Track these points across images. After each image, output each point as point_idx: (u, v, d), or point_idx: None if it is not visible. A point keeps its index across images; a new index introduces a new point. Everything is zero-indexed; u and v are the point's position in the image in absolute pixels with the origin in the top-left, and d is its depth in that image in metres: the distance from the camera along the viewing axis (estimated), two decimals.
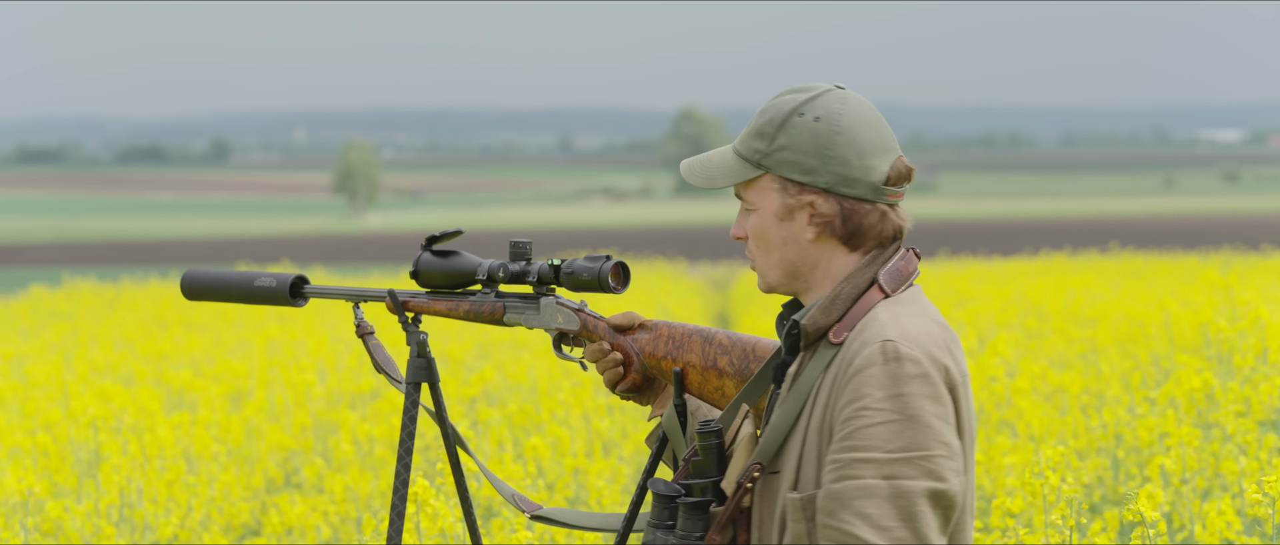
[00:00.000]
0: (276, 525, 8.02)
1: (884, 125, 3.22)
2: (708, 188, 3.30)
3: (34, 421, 11.10)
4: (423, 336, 3.76)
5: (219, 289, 3.97)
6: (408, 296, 3.76)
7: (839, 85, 3.25)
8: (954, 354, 3.11)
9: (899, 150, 3.22)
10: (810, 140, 3.18)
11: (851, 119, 3.19)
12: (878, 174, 3.18)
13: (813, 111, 3.20)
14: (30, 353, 16.92)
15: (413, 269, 3.72)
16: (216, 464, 9.23)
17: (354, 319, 3.90)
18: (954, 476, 3.01)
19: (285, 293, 3.90)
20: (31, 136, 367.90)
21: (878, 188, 3.18)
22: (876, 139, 3.19)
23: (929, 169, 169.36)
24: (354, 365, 14.50)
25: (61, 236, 76.25)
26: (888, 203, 3.20)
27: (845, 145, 3.17)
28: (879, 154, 3.19)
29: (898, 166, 3.20)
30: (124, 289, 30.61)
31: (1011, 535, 6.38)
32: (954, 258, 39.34)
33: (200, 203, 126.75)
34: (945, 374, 3.06)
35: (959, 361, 3.11)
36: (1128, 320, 15.44)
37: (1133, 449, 8.42)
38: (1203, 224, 66.69)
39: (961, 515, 3.10)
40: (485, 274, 3.65)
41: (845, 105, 3.20)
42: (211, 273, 4.00)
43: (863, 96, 3.26)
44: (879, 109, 3.24)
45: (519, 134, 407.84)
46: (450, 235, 3.70)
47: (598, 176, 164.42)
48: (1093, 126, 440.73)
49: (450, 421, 3.83)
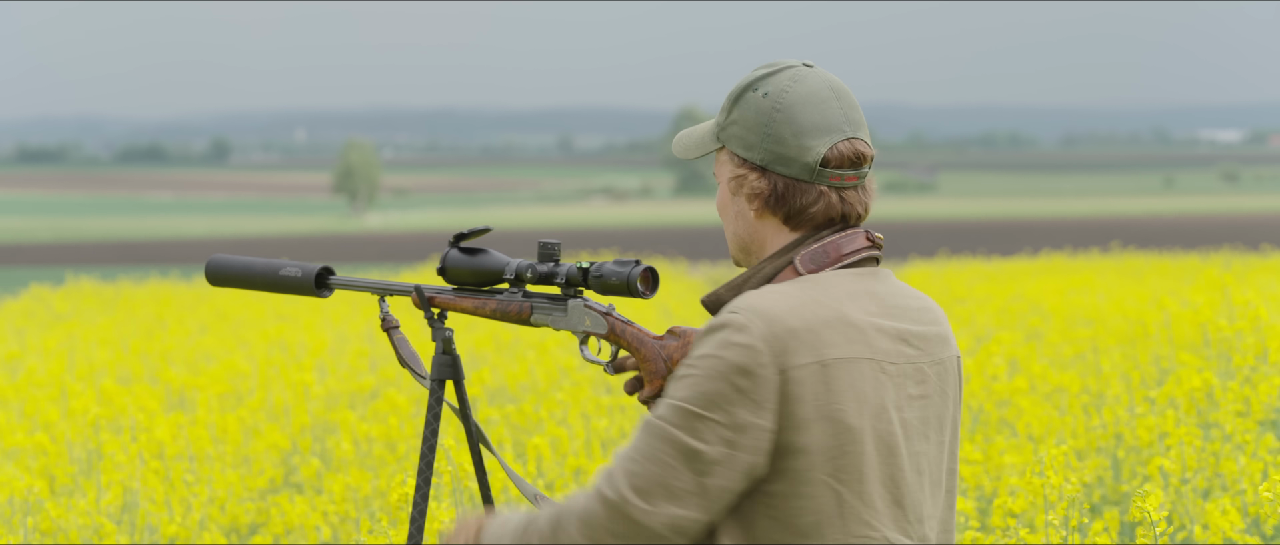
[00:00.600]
0: (277, 525, 8.01)
1: (836, 107, 3.18)
2: (684, 158, 3.34)
3: (33, 421, 11.10)
4: (448, 333, 3.74)
5: (244, 277, 3.93)
6: (434, 292, 3.75)
7: (807, 63, 3.23)
8: (821, 336, 3.04)
9: (850, 132, 3.17)
10: (755, 116, 3.18)
11: (796, 97, 3.17)
12: (813, 155, 3.15)
13: (764, 87, 3.20)
14: (31, 353, 16.92)
15: (440, 265, 3.70)
16: (220, 464, 9.22)
17: (380, 312, 3.87)
18: (718, 444, 2.98)
19: (311, 283, 3.87)
20: (31, 136, 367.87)
21: (813, 168, 3.15)
22: (819, 119, 3.16)
23: (929, 169, 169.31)
24: (353, 365, 14.50)
25: (61, 236, 76.25)
26: (830, 184, 3.16)
27: (783, 123, 3.16)
28: (818, 135, 3.15)
29: (840, 149, 3.16)
30: (124, 289, 30.61)
31: (1012, 535, 6.38)
32: (954, 258, 39.33)
33: (200, 203, 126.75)
34: (780, 351, 3.00)
35: (830, 345, 3.04)
36: (1128, 320, 15.43)
37: (1133, 449, 8.41)
38: (1202, 224, 66.69)
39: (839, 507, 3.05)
40: (513, 273, 3.62)
41: (796, 83, 3.19)
42: (237, 260, 3.95)
43: (833, 77, 3.23)
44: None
45: (519, 134, 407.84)
46: (479, 232, 3.67)
47: (598, 176, 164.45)
48: (1093, 126, 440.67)
49: (474, 419, 3.80)
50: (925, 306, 3.21)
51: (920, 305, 3.21)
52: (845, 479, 3.06)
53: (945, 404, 3.20)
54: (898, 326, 3.14)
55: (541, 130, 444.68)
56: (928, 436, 3.16)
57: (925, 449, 3.16)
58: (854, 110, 3.21)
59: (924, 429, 3.16)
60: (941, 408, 3.19)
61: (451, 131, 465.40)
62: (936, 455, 3.19)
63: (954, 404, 3.23)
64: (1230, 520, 6.22)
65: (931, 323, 3.19)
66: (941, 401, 3.19)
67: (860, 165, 3.19)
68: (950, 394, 3.21)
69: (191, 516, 8.10)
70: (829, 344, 3.04)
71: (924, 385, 3.16)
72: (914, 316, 3.18)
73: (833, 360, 3.04)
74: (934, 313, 3.21)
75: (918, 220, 78.87)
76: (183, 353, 16.66)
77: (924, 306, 3.21)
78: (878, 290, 3.17)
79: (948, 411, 3.21)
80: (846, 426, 3.05)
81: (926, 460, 3.16)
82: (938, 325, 3.21)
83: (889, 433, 3.10)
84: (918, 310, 3.19)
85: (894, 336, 3.13)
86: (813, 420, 3.03)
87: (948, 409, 3.21)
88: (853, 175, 3.18)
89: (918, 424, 3.15)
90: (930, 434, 3.17)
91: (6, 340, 18.58)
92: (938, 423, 3.19)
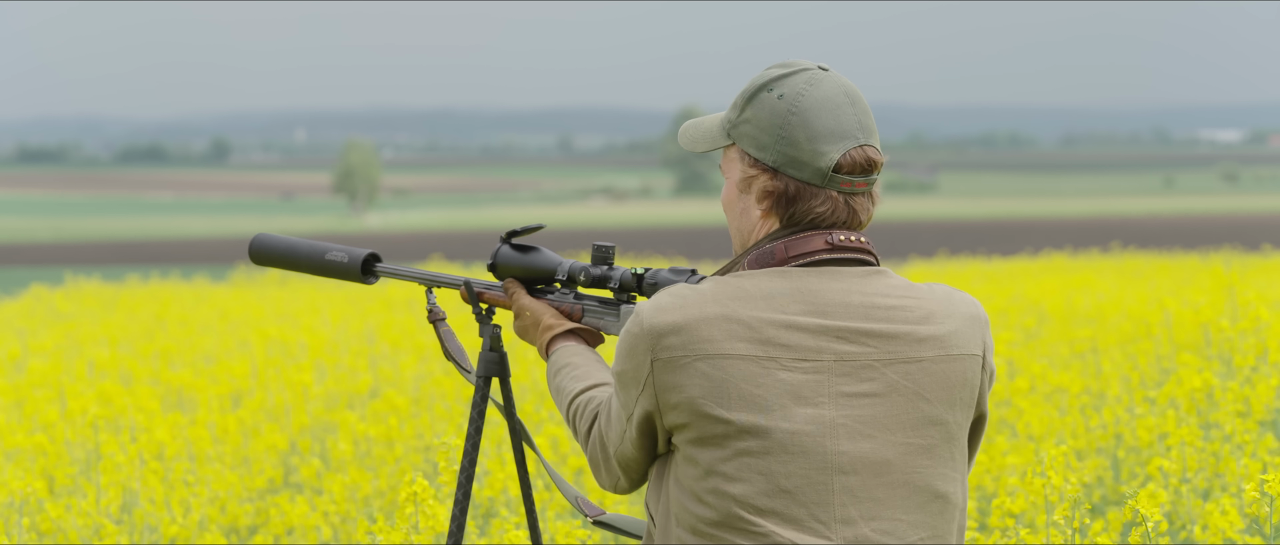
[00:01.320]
0: (277, 526, 8.01)
1: (851, 113, 3.18)
2: (691, 150, 3.35)
3: (33, 421, 11.09)
4: (496, 330, 3.72)
5: (288, 257, 3.91)
6: (483, 287, 3.74)
7: (822, 66, 3.23)
8: (699, 332, 3.11)
9: (863, 140, 3.18)
10: (769, 117, 3.19)
11: (812, 101, 3.17)
12: (827, 160, 3.15)
13: (779, 89, 3.20)
14: (31, 353, 16.92)
15: (491, 261, 3.70)
16: (220, 464, 9.21)
17: (427, 304, 3.85)
18: (621, 410, 3.22)
19: (357, 269, 3.85)
20: (31, 136, 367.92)
21: (826, 174, 3.16)
22: (834, 125, 3.16)
23: (929, 169, 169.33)
24: (352, 365, 14.50)
25: (61, 236, 76.25)
26: (839, 190, 3.17)
27: (798, 126, 3.16)
28: (833, 140, 3.16)
29: (853, 156, 3.17)
30: (124, 289, 30.61)
31: (1012, 535, 6.37)
32: (954, 258, 39.33)
33: (200, 203, 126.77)
34: (655, 344, 3.13)
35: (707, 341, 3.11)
36: (1128, 320, 15.43)
37: (1132, 449, 8.41)
38: (1203, 224, 66.70)
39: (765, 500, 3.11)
40: (565, 274, 3.63)
41: (812, 87, 3.19)
42: (283, 240, 3.94)
43: (848, 82, 3.24)
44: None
45: (519, 134, 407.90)
46: (531, 230, 3.65)
47: (598, 176, 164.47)
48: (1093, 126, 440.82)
49: (518, 417, 3.79)
50: (906, 307, 3.17)
51: (898, 305, 3.17)
52: (721, 471, 3.12)
53: (918, 404, 3.16)
54: (832, 324, 3.12)
55: (541, 130, 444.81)
56: (873, 436, 3.13)
57: (869, 448, 3.13)
58: (867, 116, 3.22)
59: (868, 428, 3.13)
60: (907, 407, 3.15)
61: (451, 131, 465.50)
62: (896, 455, 3.14)
63: (946, 405, 3.18)
64: (1230, 520, 6.21)
65: (906, 322, 3.16)
66: (909, 401, 3.15)
67: (871, 172, 3.19)
68: (933, 395, 3.17)
69: (191, 517, 8.10)
70: (707, 340, 3.10)
71: (871, 383, 3.13)
72: (879, 315, 3.15)
73: (703, 354, 3.10)
74: (916, 312, 3.17)
75: (918, 220, 78.88)
76: (183, 353, 16.66)
77: (904, 306, 3.17)
78: (821, 288, 3.15)
79: (924, 411, 3.16)
80: (712, 418, 3.11)
81: (867, 460, 3.13)
82: (923, 325, 3.17)
83: (789, 430, 3.10)
84: (888, 309, 3.16)
85: (820, 333, 3.12)
86: (682, 409, 3.13)
87: (925, 408, 3.16)
88: (863, 182, 3.19)
89: (854, 423, 3.12)
90: (879, 434, 3.13)
91: (7, 340, 18.58)
92: (899, 422, 3.15)
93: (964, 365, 3.21)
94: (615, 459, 3.26)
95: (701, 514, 3.14)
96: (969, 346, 3.21)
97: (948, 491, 3.20)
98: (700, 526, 3.14)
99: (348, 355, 15.29)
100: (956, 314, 3.21)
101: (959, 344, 3.20)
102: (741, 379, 3.10)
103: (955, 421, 3.21)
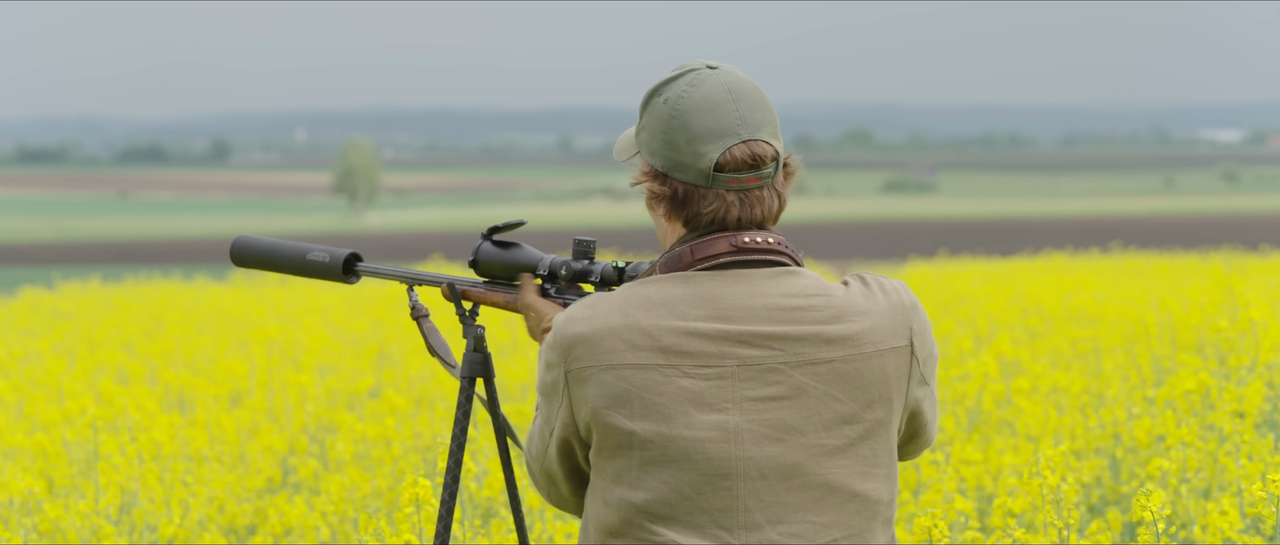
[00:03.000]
0: (275, 526, 8.01)
1: (732, 110, 3.15)
2: (619, 161, 3.35)
3: (32, 421, 11.10)
4: (480, 330, 3.70)
5: (269, 258, 3.90)
6: (466, 286, 3.73)
7: (711, 64, 3.21)
8: (604, 343, 3.12)
9: (746, 135, 3.14)
10: (657, 122, 3.19)
11: (691, 103, 3.16)
12: (706, 161, 3.13)
13: (666, 93, 3.20)
14: (30, 353, 16.92)
15: (472, 258, 3.68)
16: (219, 465, 9.22)
17: (409, 301, 3.83)
18: (543, 425, 3.24)
19: (338, 269, 3.84)
20: (31, 136, 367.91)
21: (708, 173, 3.14)
22: (713, 124, 3.14)
23: (929, 169, 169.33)
24: (352, 366, 14.50)
25: (61, 236, 76.25)
26: (727, 188, 3.15)
27: (678, 130, 3.16)
28: (711, 140, 3.14)
29: (734, 153, 3.13)
30: (124, 289, 30.61)
31: (1011, 535, 6.38)
32: (954, 258, 39.33)
33: (200, 203, 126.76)
34: (566, 355, 3.15)
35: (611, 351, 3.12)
36: (1128, 320, 15.43)
37: (1131, 449, 8.41)
38: (1203, 224, 66.69)
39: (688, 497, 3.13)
40: (547, 269, 3.62)
41: (695, 88, 3.17)
42: (264, 241, 3.93)
43: (738, 77, 3.20)
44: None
45: (519, 134, 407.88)
46: (512, 226, 3.64)
47: (598, 176, 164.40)
48: (1093, 126, 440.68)
49: (504, 416, 3.79)
50: (814, 307, 3.14)
51: (805, 305, 3.14)
52: (625, 479, 3.13)
53: (829, 404, 3.13)
54: (734, 329, 3.11)
55: (541, 130, 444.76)
56: (782, 440, 3.12)
57: (776, 452, 3.12)
58: (753, 110, 3.17)
59: (776, 432, 3.12)
60: (817, 408, 3.13)
61: (451, 131, 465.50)
62: (805, 457, 3.13)
63: (862, 403, 3.15)
64: (1229, 520, 6.21)
65: (813, 323, 3.13)
66: (819, 402, 3.13)
67: (759, 167, 3.15)
68: (845, 394, 3.14)
69: (190, 517, 8.10)
70: (609, 351, 3.11)
71: (777, 386, 3.12)
72: (784, 317, 3.13)
73: (606, 365, 3.11)
74: (825, 312, 3.14)
75: (918, 220, 78.88)
76: (183, 353, 16.66)
77: (812, 306, 3.14)
78: (723, 293, 3.14)
79: (836, 410, 3.14)
80: (615, 428, 3.12)
81: (775, 464, 3.11)
82: (832, 324, 3.13)
83: (690, 438, 3.10)
84: (794, 310, 3.13)
85: (720, 339, 3.11)
86: (590, 420, 3.14)
87: (837, 408, 3.13)
88: (752, 177, 3.15)
89: (760, 427, 3.11)
90: (787, 436, 3.12)
91: (7, 340, 18.58)
92: (810, 424, 3.13)
93: (881, 361, 3.17)
94: (540, 472, 3.29)
95: (606, 521, 3.16)
96: (889, 340, 3.17)
97: (865, 489, 3.17)
98: (603, 535, 3.17)
99: (348, 356, 15.30)
100: (874, 309, 3.17)
101: (875, 339, 3.16)
102: (643, 388, 3.10)
103: (875, 418, 3.17)
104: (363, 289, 25.45)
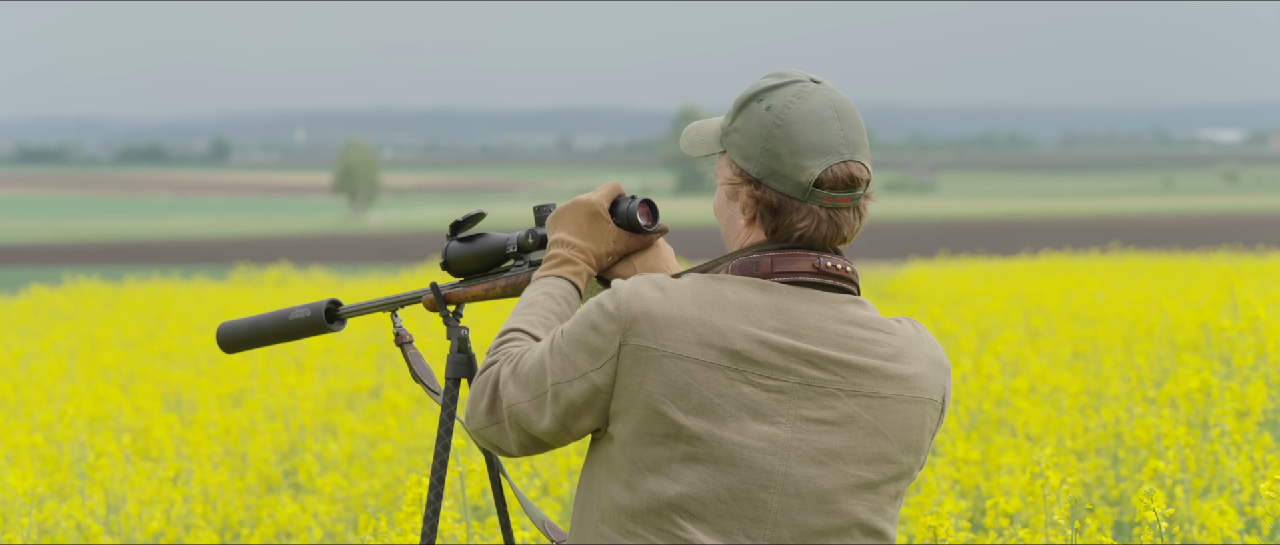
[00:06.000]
0: (269, 527, 8.00)
1: (836, 128, 3.17)
2: (689, 154, 3.35)
3: (31, 422, 11.09)
4: (464, 332, 3.71)
5: (255, 335, 3.91)
6: (447, 289, 3.73)
7: (815, 79, 3.22)
8: (673, 329, 3.10)
9: (847, 155, 3.16)
10: (757, 128, 3.19)
11: (799, 115, 3.17)
12: (807, 175, 3.15)
13: (769, 100, 3.19)
14: (31, 353, 16.91)
15: (442, 260, 3.69)
16: (211, 465, 9.21)
17: (392, 328, 3.86)
18: (561, 376, 3.15)
19: (322, 319, 3.85)
20: (31, 136, 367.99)
21: (806, 188, 3.15)
22: (818, 140, 3.16)
23: (929, 169, 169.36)
24: (352, 366, 14.50)
25: (61, 236, 76.25)
26: (821, 204, 3.17)
27: (781, 140, 3.16)
28: (815, 155, 3.15)
29: (835, 171, 3.15)
30: (125, 289, 30.61)
31: (1010, 535, 6.37)
32: (954, 258, 39.34)
33: (200, 203, 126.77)
34: (628, 326, 3.10)
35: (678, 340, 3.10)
36: (1127, 320, 15.42)
37: (1131, 449, 8.41)
38: (1202, 224, 66.69)
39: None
40: (515, 246, 3.62)
41: (801, 100, 3.18)
42: (244, 322, 3.94)
43: (840, 96, 3.22)
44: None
45: (519, 134, 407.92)
46: (474, 219, 3.65)
47: (598, 176, 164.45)
48: (1093, 126, 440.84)
49: None
50: (879, 341, 3.17)
51: (870, 338, 3.17)
52: (662, 470, 3.12)
53: (874, 439, 3.15)
54: (804, 347, 3.12)
55: (541, 130, 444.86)
56: (825, 464, 3.13)
57: (818, 474, 3.13)
58: (855, 131, 3.19)
59: (821, 455, 3.13)
60: (864, 441, 3.15)
61: (451, 131, 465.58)
62: (842, 485, 3.14)
63: (901, 446, 3.17)
64: (1228, 520, 6.21)
65: (876, 357, 3.16)
66: (867, 435, 3.15)
67: (854, 188, 3.18)
68: (890, 433, 3.16)
69: (174, 511, 8.09)
70: (678, 340, 3.10)
71: (832, 411, 3.14)
72: (851, 345, 3.15)
73: (672, 353, 3.10)
74: (888, 348, 3.17)
75: (918, 220, 78.87)
76: (183, 353, 16.65)
77: (877, 340, 3.17)
78: (799, 309, 3.15)
79: (879, 447, 3.16)
80: (665, 417, 3.11)
81: (813, 486, 3.13)
82: (892, 362, 3.17)
83: (740, 443, 3.11)
84: (860, 341, 3.16)
85: (790, 354, 3.12)
86: (635, 397, 3.12)
87: (881, 445, 3.16)
88: (846, 197, 3.18)
89: (808, 448, 3.12)
90: (831, 462, 3.13)
91: (7, 340, 18.58)
92: (853, 454, 3.14)
93: (923, 409, 3.21)
94: (537, 414, 3.20)
95: (626, 503, 3.14)
96: (931, 392, 3.22)
97: (883, 528, 3.20)
98: (620, 517, 3.14)
99: (347, 356, 15.30)
100: (924, 357, 3.22)
101: (923, 387, 3.21)
102: (704, 386, 3.10)
103: (905, 463, 3.20)
104: (363, 289, 25.44)
